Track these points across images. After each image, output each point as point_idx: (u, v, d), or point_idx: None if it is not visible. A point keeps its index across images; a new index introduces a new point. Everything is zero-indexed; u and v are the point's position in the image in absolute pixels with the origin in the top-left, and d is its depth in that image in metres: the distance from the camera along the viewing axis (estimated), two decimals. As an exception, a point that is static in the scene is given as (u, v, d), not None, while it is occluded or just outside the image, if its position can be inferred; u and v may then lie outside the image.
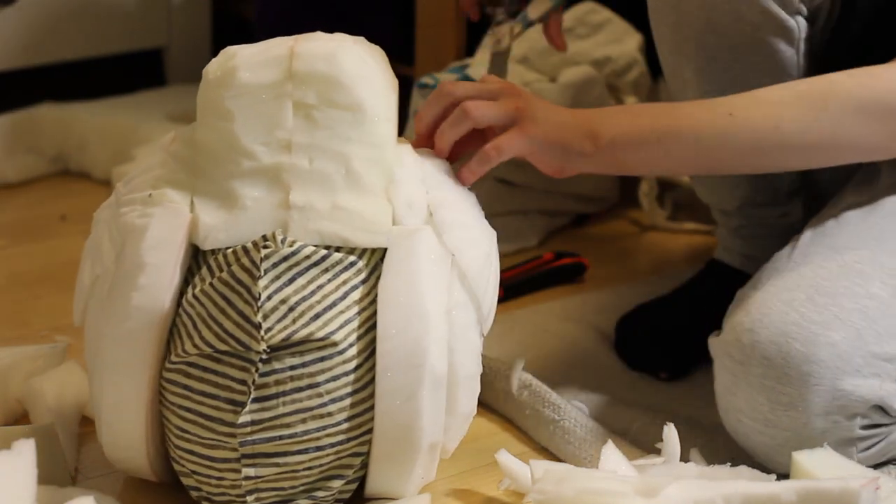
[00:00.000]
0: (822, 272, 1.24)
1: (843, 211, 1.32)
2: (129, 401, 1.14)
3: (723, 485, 1.12)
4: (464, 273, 1.15)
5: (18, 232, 1.87)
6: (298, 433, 1.11)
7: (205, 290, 1.12)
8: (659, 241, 1.87)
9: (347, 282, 1.13)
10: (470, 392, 1.17)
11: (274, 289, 1.11)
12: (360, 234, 1.13)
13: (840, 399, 1.18)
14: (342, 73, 1.15)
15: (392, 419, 1.12)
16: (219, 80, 1.16)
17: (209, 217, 1.14)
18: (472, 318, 1.17)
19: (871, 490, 1.10)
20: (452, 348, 1.14)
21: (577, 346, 1.51)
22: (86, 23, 2.27)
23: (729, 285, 1.52)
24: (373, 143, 1.15)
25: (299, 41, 1.16)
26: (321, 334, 1.11)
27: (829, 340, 1.19)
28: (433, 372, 1.12)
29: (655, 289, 1.58)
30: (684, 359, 1.47)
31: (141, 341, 1.13)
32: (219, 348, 1.11)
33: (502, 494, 1.24)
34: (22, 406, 1.35)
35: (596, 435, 1.31)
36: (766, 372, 1.19)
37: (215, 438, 1.12)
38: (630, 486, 1.13)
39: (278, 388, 1.11)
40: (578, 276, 1.72)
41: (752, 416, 1.21)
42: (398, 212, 1.15)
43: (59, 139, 2.09)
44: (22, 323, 1.58)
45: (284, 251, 1.11)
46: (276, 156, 1.14)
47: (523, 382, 1.38)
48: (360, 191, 1.14)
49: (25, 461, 1.08)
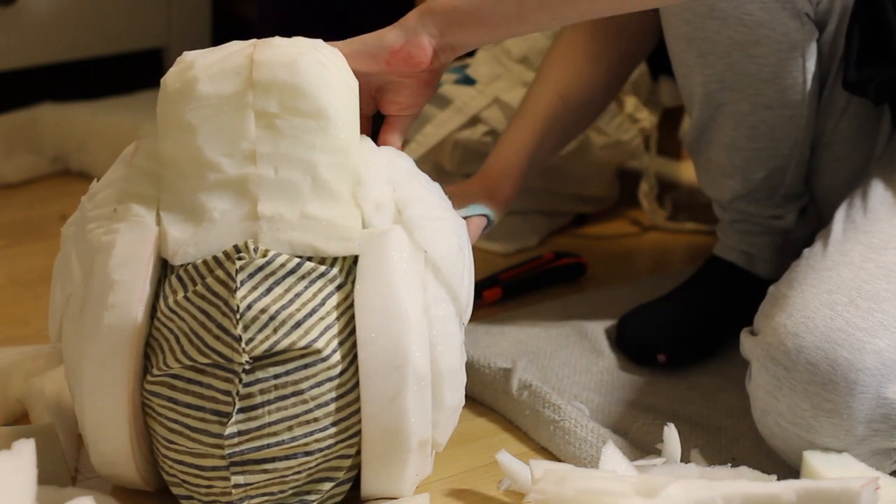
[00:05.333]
0: (863, 274, 1.23)
1: (872, 205, 1.32)
2: (111, 419, 1.14)
3: (723, 485, 1.12)
4: (437, 267, 1.16)
5: (18, 232, 1.87)
6: (286, 440, 1.11)
7: (179, 302, 1.12)
8: (659, 241, 1.87)
9: (324, 289, 1.13)
10: (455, 384, 1.18)
11: (253, 299, 1.10)
12: (331, 242, 1.13)
13: (884, 407, 1.18)
14: (303, 80, 1.13)
15: (379, 422, 1.12)
16: (178, 93, 1.14)
17: (177, 231, 1.13)
18: (451, 311, 1.17)
19: (871, 490, 1.10)
20: (434, 344, 1.14)
21: (577, 345, 1.51)
22: (86, 23, 2.27)
23: (727, 281, 1.52)
24: (337, 148, 1.14)
25: (258, 48, 1.15)
26: (304, 343, 1.11)
27: (874, 348, 1.18)
28: (416, 371, 1.12)
29: (655, 289, 1.58)
30: (682, 344, 1.47)
31: (116, 360, 1.12)
32: (201, 361, 1.11)
33: (502, 494, 1.24)
34: (22, 406, 1.35)
35: (596, 435, 1.31)
36: (812, 378, 1.19)
37: (203, 449, 1.12)
38: (630, 486, 1.13)
39: (263, 397, 1.11)
40: (578, 276, 1.72)
41: (793, 421, 1.21)
42: (367, 214, 1.14)
43: (59, 139, 2.09)
44: (22, 323, 1.58)
45: (258, 261, 1.11)
46: (241, 167, 1.13)
47: (523, 383, 1.38)
48: (328, 198, 1.14)
49: (25, 461, 1.08)
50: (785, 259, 1.38)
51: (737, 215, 1.52)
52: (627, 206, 1.92)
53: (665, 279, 1.63)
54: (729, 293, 1.49)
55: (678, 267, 1.75)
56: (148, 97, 2.23)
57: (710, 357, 1.48)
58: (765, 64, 1.37)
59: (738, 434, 1.32)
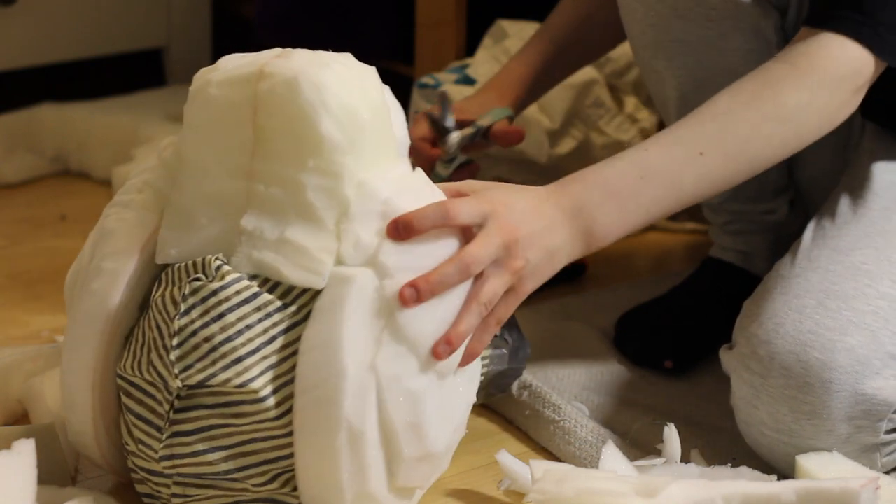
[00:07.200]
0: (830, 276, 1.24)
1: (840, 211, 1.32)
2: (78, 402, 1.14)
3: (723, 485, 1.12)
4: (398, 325, 1.08)
5: (18, 232, 1.87)
6: (221, 472, 1.09)
7: (152, 306, 1.11)
8: (659, 241, 1.87)
9: (277, 324, 1.09)
10: (414, 438, 1.11)
11: (200, 324, 1.08)
12: (297, 272, 1.08)
13: (863, 403, 1.18)
14: (301, 99, 1.08)
15: (312, 473, 1.09)
16: (194, 93, 1.13)
17: (167, 232, 1.13)
18: (410, 367, 1.09)
19: (871, 490, 1.10)
20: (383, 401, 1.08)
21: (577, 346, 1.51)
22: (86, 23, 2.27)
23: (726, 281, 1.53)
24: (330, 172, 1.09)
25: (276, 59, 1.11)
26: (239, 381, 1.07)
27: (845, 346, 1.19)
28: (350, 427, 1.07)
29: (655, 289, 1.58)
30: (688, 349, 1.47)
31: (86, 346, 1.13)
32: (146, 378, 1.10)
33: (502, 494, 1.24)
34: (22, 406, 1.35)
35: (596, 435, 1.31)
36: (787, 382, 1.19)
37: (148, 457, 1.12)
38: (630, 486, 1.13)
39: (197, 423, 1.09)
40: (578, 276, 1.72)
41: (775, 428, 1.21)
42: (343, 250, 1.09)
43: (59, 139, 2.09)
44: (22, 323, 1.58)
45: (213, 286, 1.08)
46: (235, 178, 1.11)
47: (523, 383, 1.38)
48: (311, 223, 1.09)
49: (25, 461, 1.08)
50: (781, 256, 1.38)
51: (729, 216, 1.52)
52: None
53: (665, 279, 1.63)
54: (728, 293, 1.49)
55: (678, 267, 1.75)
56: (148, 97, 2.24)
57: (711, 357, 1.48)
58: (735, 56, 1.37)
59: (738, 434, 1.32)
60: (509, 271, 1.12)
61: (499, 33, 1.96)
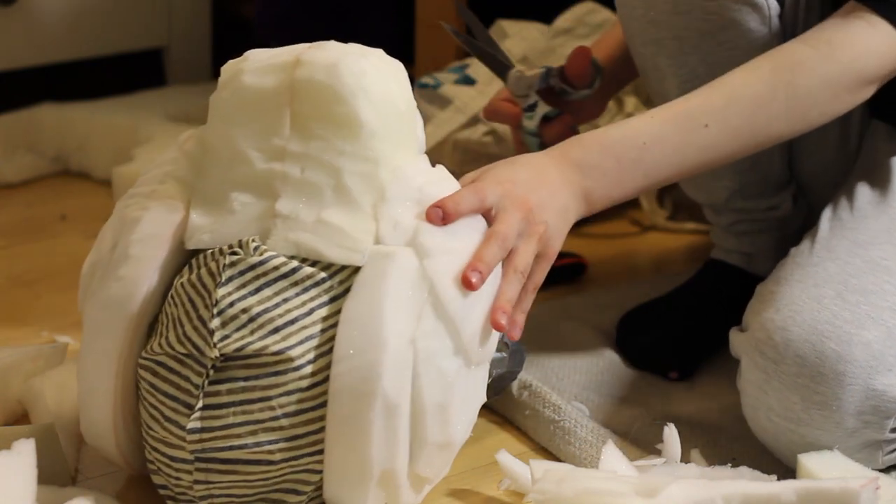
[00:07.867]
0: (849, 268, 1.24)
1: (859, 205, 1.33)
2: (98, 389, 1.14)
3: (723, 485, 1.12)
4: (440, 301, 1.10)
5: (18, 232, 1.87)
6: (249, 444, 1.09)
7: (177, 289, 1.12)
8: (659, 241, 1.87)
9: (315, 298, 1.10)
10: (441, 421, 1.12)
11: (237, 297, 1.09)
12: (335, 249, 1.11)
13: (873, 399, 1.19)
14: (339, 84, 1.12)
15: (342, 443, 1.09)
16: (225, 83, 1.16)
17: (198, 217, 1.14)
18: (446, 347, 1.11)
19: (871, 490, 1.10)
20: (417, 376, 1.09)
21: (577, 346, 1.51)
22: (85, 23, 2.27)
23: (728, 283, 1.52)
24: (366, 157, 1.13)
25: (311, 49, 1.15)
26: (276, 348, 1.08)
27: (862, 340, 1.19)
28: (385, 399, 1.08)
29: (655, 289, 1.58)
30: (691, 355, 1.47)
31: (110, 333, 1.13)
32: (179, 350, 1.11)
33: (502, 494, 1.24)
34: (22, 406, 1.35)
35: (596, 435, 1.31)
36: (801, 370, 1.19)
37: (173, 440, 1.11)
38: (630, 487, 1.13)
39: (230, 397, 1.09)
40: (578, 276, 1.72)
41: (783, 415, 1.21)
42: (382, 231, 1.11)
43: (59, 139, 2.09)
44: (22, 323, 1.58)
45: (252, 260, 1.10)
46: (269, 163, 1.13)
47: (523, 383, 1.38)
48: (348, 206, 1.12)
49: (25, 461, 1.08)
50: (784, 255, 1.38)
51: (734, 216, 1.52)
52: (627, 205, 1.92)
53: (665, 279, 1.63)
54: (731, 296, 1.49)
55: (678, 267, 1.75)
56: (148, 97, 2.24)
57: (711, 357, 1.48)
58: (735, 48, 1.37)
59: (738, 434, 1.32)
60: (535, 237, 1.17)
61: (499, 33, 1.96)
